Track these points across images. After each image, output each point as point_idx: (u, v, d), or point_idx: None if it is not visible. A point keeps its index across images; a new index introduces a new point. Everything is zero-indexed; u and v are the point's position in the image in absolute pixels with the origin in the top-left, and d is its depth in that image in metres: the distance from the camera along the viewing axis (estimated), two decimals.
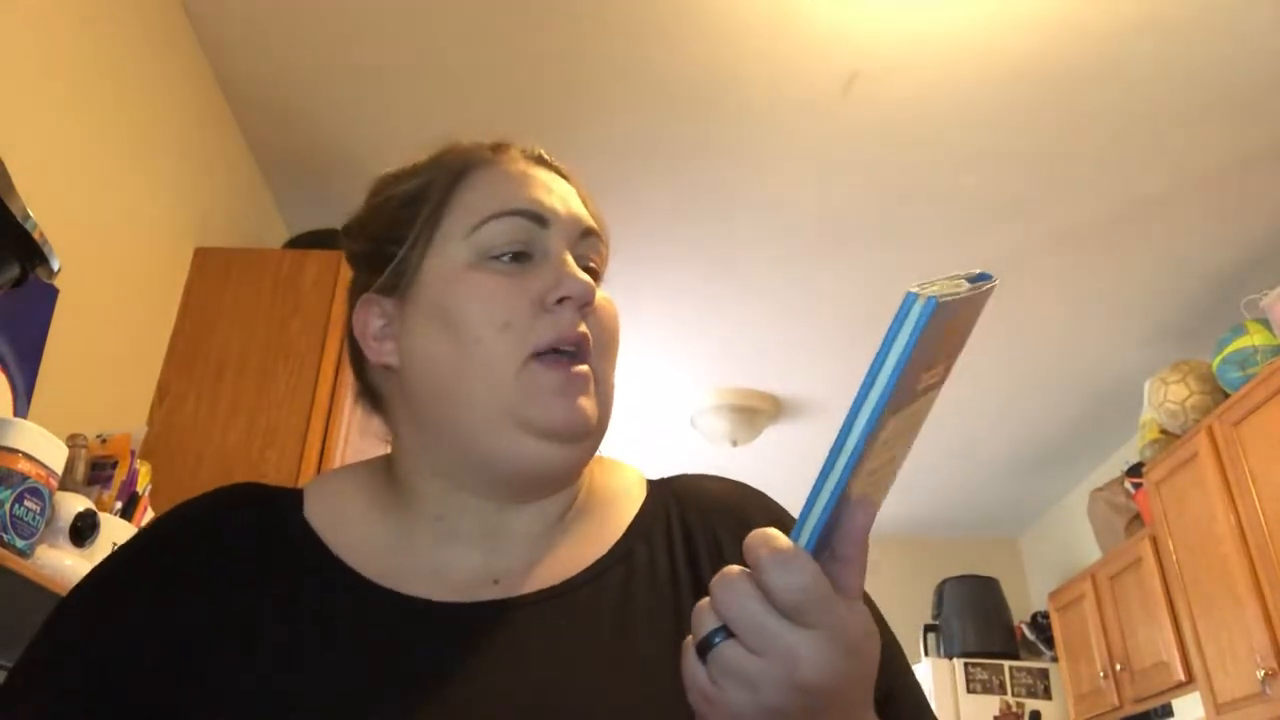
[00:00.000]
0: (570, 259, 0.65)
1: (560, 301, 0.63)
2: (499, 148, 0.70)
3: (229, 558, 0.62)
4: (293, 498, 0.67)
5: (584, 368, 0.63)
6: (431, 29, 2.08)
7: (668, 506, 0.69)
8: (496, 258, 0.64)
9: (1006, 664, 4.04)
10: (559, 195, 0.68)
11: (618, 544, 0.65)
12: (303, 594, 0.60)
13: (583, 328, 0.63)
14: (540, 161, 0.71)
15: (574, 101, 2.25)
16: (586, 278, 0.64)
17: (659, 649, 0.57)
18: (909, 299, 0.46)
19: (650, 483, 0.72)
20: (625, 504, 0.69)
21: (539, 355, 0.62)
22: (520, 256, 0.65)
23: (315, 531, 0.64)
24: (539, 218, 0.65)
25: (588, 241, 0.68)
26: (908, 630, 4.14)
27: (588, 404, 0.63)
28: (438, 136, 0.73)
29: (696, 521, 0.67)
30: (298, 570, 0.62)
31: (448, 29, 2.08)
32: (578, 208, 0.69)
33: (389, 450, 0.70)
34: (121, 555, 0.65)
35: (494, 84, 2.20)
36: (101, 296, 1.76)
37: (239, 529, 0.64)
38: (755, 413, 3.59)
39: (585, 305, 0.63)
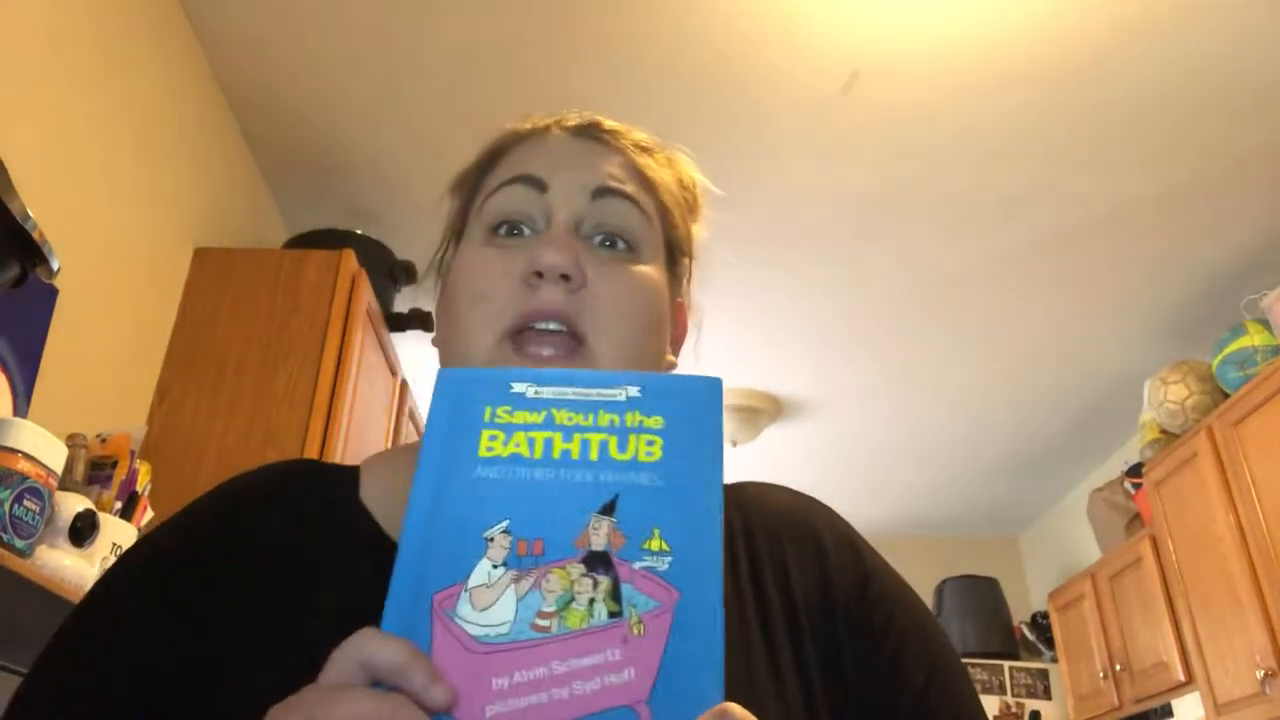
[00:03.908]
0: (563, 228, 0.61)
1: (538, 275, 0.59)
2: (545, 126, 0.69)
3: (283, 530, 0.60)
4: (349, 476, 0.65)
5: (557, 348, 0.58)
6: (431, 29, 2.08)
7: (731, 518, 0.64)
8: (495, 231, 0.63)
9: (1006, 664, 4.05)
10: (574, 160, 0.65)
11: None
12: (354, 570, 0.58)
13: (559, 301, 0.58)
14: (581, 132, 0.68)
15: (571, 101, 2.23)
16: (565, 250, 0.59)
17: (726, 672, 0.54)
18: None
19: None
20: None
21: (515, 335, 0.59)
22: (517, 229, 0.63)
23: (368, 510, 0.62)
24: (534, 181, 0.63)
25: (605, 202, 0.63)
26: None
27: None
28: (439, 136, 0.73)
29: (761, 537, 0.64)
30: (350, 548, 0.60)
31: (447, 29, 2.08)
32: (602, 169, 0.64)
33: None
34: (176, 522, 0.62)
35: (493, 84, 2.21)
36: (101, 296, 1.76)
37: (293, 504, 0.62)
38: (755, 413, 3.59)
39: (565, 278, 0.59)
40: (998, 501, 4.46)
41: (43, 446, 1.16)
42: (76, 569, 1.22)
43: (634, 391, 0.46)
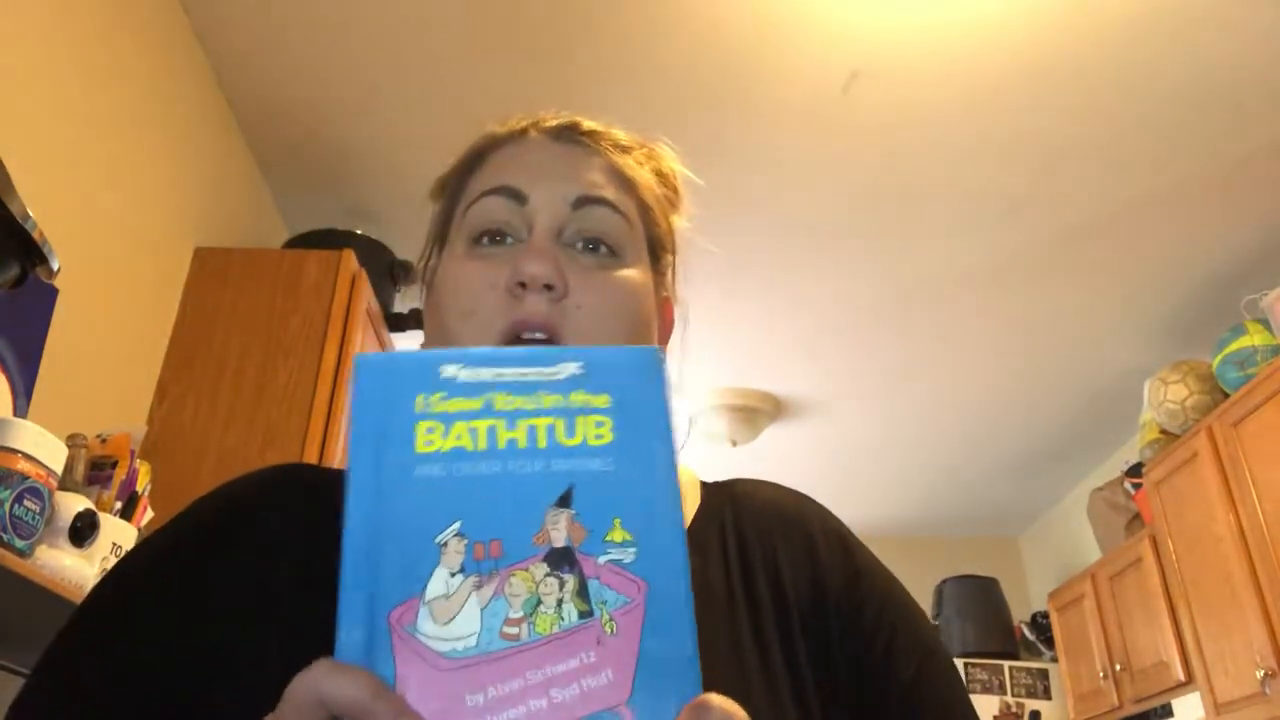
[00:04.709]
0: (544, 237, 0.62)
1: (522, 285, 0.59)
2: (524, 128, 0.69)
3: (282, 532, 0.60)
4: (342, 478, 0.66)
5: None
6: (431, 28, 2.08)
7: (723, 514, 0.66)
8: (478, 241, 0.63)
9: (1006, 664, 4.04)
10: (553, 168, 0.65)
11: None
12: None
13: (542, 311, 0.59)
14: (560, 134, 0.68)
15: (572, 99, 2.23)
16: (546, 259, 0.59)
17: (712, 668, 0.54)
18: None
19: (705, 485, 0.69)
20: None
21: (503, 344, 0.59)
22: (499, 238, 0.63)
23: None
24: (514, 193, 0.63)
25: (587, 211, 0.63)
26: None
27: None
28: (439, 136, 0.72)
29: (752, 533, 0.64)
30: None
31: (447, 28, 2.08)
32: (582, 176, 0.65)
33: None
34: (176, 523, 0.62)
35: (492, 83, 2.20)
36: (101, 296, 1.76)
37: (291, 505, 0.61)
38: (755, 413, 3.59)
39: (547, 287, 0.59)
40: (998, 501, 4.46)
41: (43, 446, 1.16)
42: (77, 569, 1.22)
43: (575, 369, 0.43)
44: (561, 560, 0.40)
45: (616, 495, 0.41)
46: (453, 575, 0.39)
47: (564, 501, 0.41)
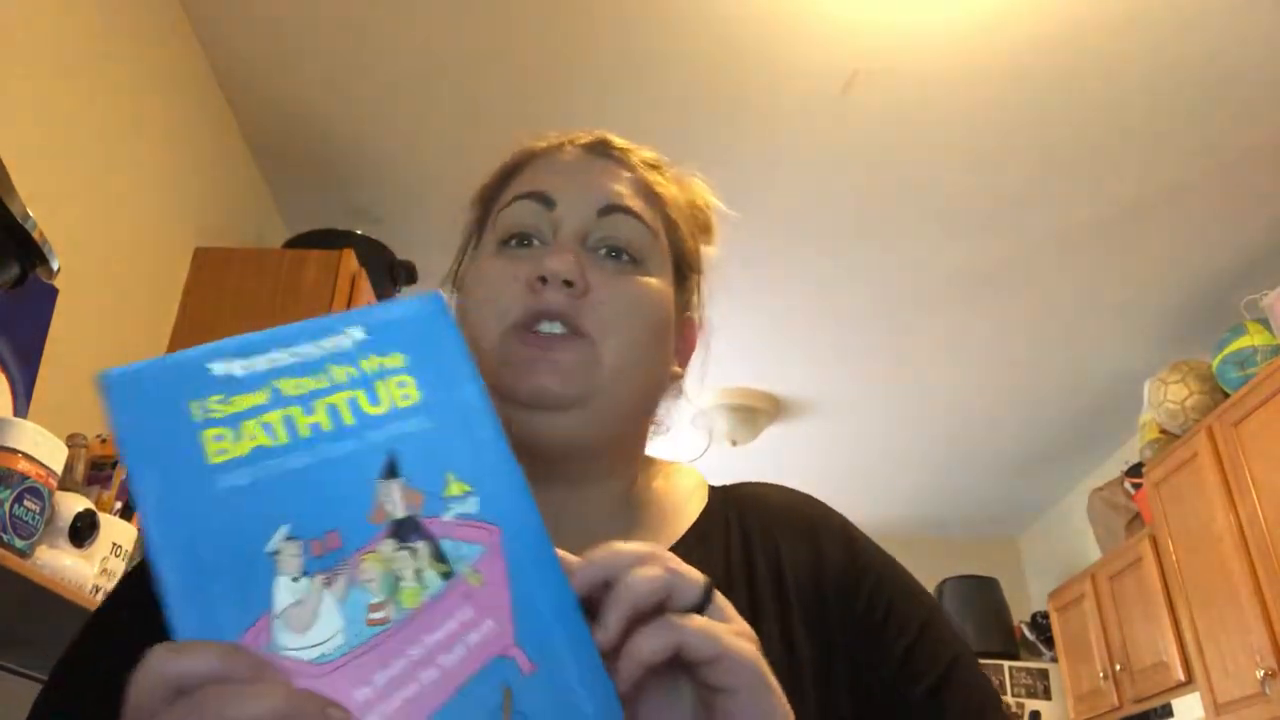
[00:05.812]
0: (569, 240, 0.64)
1: (544, 281, 0.61)
2: (560, 143, 0.71)
3: None
4: None
5: (562, 345, 0.60)
6: (432, 28, 2.08)
7: (727, 514, 0.68)
8: (506, 242, 0.65)
9: (1006, 664, 4.04)
10: (583, 177, 0.67)
11: (673, 548, 0.64)
12: None
13: (560, 302, 0.60)
14: (594, 149, 0.70)
15: (572, 99, 2.25)
16: (568, 257, 0.61)
17: None
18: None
19: (711, 488, 0.72)
20: (685, 509, 0.68)
21: (519, 330, 0.61)
22: (526, 241, 0.65)
23: None
24: (544, 198, 0.65)
25: (612, 219, 0.65)
26: None
27: (554, 377, 0.59)
28: (439, 136, 0.73)
29: (756, 531, 0.66)
30: None
31: (448, 28, 2.08)
32: (610, 186, 0.66)
33: None
34: None
35: (494, 83, 2.20)
36: (101, 296, 1.76)
37: None
38: (755, 413, 3.58)
39: (568, 283, 0.60)
40: (998, 501, 4.46)
41: (43, 446, 1.16)
42: (76, 569, 1.22)
43: (359, 334, 0.41)
44: (406, 530, 0.38)
45: (441, 450, 0.40)
46: (295, 580, 0.36)
47: (390, 472, 0.39)
